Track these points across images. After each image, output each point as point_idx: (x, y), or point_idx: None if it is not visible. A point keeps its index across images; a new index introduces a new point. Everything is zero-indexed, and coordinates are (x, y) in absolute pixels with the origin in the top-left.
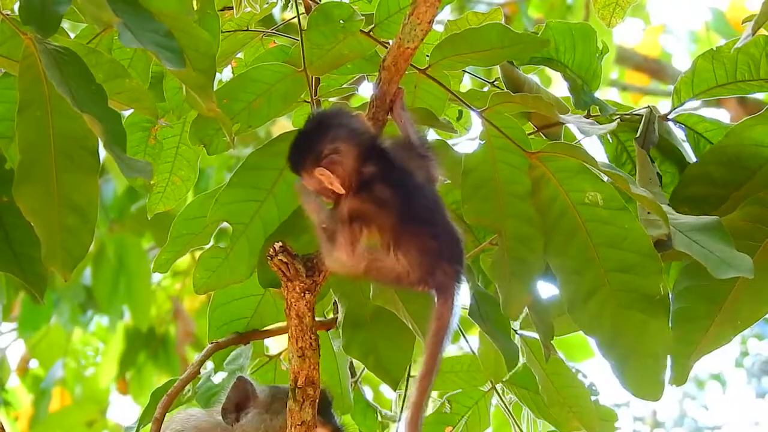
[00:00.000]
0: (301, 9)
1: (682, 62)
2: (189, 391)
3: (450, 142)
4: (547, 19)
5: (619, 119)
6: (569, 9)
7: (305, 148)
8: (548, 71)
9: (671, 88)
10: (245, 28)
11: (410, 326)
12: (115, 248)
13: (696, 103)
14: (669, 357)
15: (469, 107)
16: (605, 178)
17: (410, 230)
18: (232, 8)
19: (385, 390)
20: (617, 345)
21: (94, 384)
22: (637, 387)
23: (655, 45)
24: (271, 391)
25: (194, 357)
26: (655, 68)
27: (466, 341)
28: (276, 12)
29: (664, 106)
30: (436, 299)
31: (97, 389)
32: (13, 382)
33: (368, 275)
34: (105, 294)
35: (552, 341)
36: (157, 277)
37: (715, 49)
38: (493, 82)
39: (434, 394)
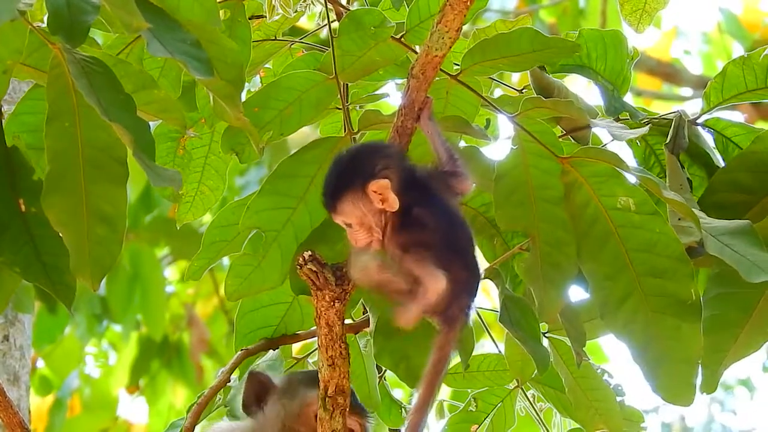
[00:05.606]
0: (332, 16)
1: (694, 64)
2: (220, 399)
3: None
4: (559, 23)
5: (649, 124)
6: (581, 13)
7: (350, 172)
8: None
9: (684, 91)
10: (273, 38)
11: None
12: (129, 257)
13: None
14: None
15: (501, 112)
16: (635, 182)
17: (450, 257)
18: (259, 17)
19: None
20: (649, 350)
21: (106, 390)
22: (668, 392)
23: (667, 48)
24: (288, 377)
25: (208, 364)
26: (669, 72)
27: (493, 341)
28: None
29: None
30: (441, 328)
31: (108, 395)
32: None
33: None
34: (120, 304)
35: (584, 347)
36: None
37: (746, 55)
38: (522, 90)
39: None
